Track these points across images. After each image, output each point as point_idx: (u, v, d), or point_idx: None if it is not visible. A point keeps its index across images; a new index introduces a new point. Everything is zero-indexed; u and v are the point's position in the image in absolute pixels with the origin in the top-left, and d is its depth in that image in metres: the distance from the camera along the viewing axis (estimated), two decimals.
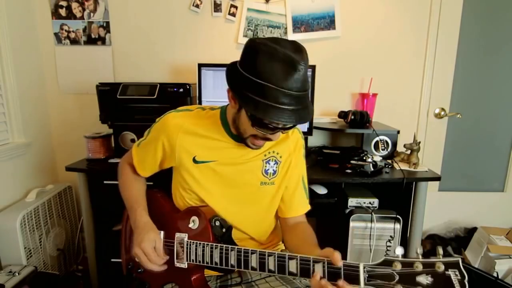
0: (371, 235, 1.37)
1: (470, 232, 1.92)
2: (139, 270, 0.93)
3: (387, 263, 0.62)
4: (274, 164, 0.93)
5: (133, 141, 1.51)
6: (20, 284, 1.29)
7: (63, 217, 1.75)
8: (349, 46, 1.78)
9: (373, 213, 1.37)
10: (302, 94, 0.73)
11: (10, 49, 1.56)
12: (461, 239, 1.91)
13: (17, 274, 1.31)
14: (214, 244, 0.81)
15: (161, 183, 1.03)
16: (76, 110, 1.85)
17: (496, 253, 1.65)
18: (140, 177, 1.02)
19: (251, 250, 0.76)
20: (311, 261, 0.69)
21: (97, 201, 1.47)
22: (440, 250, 0.59)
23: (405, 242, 1.46)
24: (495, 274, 1.52)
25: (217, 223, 0.84)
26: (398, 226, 1.37)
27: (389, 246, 1.37)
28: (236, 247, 0.79)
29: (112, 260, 1.49)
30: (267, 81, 0.70)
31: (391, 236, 1.37)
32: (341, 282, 0.65)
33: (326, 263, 0.67)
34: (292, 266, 0.71)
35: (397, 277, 0.61)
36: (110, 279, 1.54)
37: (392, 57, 1.80)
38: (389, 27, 1.76)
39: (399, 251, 0.62)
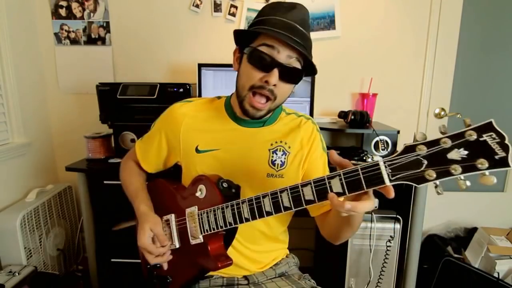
0: (371, 235, 1.37)
1: (470, 232, 1.92)
2: (158, 266, 0.87)
3: (409, 149, 0.53)
4: (282, 154, 0.87)
5: (133, 141, 1.51)
6: (20, 284, 1.29)
7: (63, 217, 1.75)
8: (349, 46, 1.78)
9: (373, 213, 1.37)
10: (302, 31, 0.75)
11: (10, 49, 1.56)
12: (461, 239, 1.90)
13: (17, 274, 1.31)
14: (224, 204, 0.75)
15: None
16: (76, 110, 1.85)
17: (497, 253, 1.65)
18: (142, 171, 1.00)
19: (262, 194, 0.69)
20: (326, 179, 0.61)
21: (97, 201, 1.47)
22: (468, 120, 0.50)
23: (405, 242, 1.45)
24: (495, 275, 1.52)
25: (225, 185, 0.78)
26: (398, 226, 1.37)
27: (389, 246, 1.37)
28: (247, 198, 0.72)
29: (112, 260, 1.49)
30: (271, 15, 0.76)
31: (391, 236, 1.37)
32: (347, 204, 0.56)
33: (342, 175, 0.58)
34: (308, 193, 0.63)
35: (425, 162, 0.51)
36: (110, 279, 1.54)
37: (392, 57, 1.80)
38: (389, 27, 1.76)
39: (420, 135, 0.53)
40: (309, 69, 0.82)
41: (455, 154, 0.49)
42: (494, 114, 1.92)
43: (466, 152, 0.48)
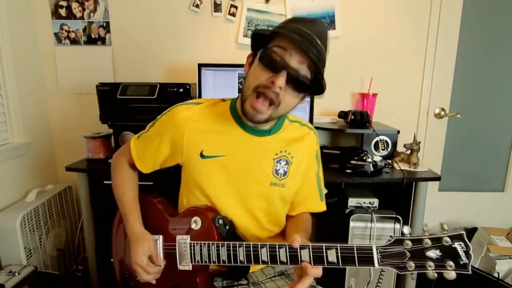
0: (371, 235, 1.37)
1: (470, 232, 1.92)
2: (138, 278, 0.89)
3: (398, 242, 0.65)
4: (285, 164, 0.88)
5: None
6: (20, 284, 1.29)
7: (63, 217, 1.75)
8: (349, 46, 1.78)
9: (373, 213, 1.37)
10: (317, 42, 0.74)
11: (10, 49, 1.56)
12: None
13: (17, 274, 1.31)
14: (220, 242, 0.79)
15: (161, 183, 1.02)
16: (76, 110, 1.85)
17: (497, 253, 1.65)
18: (135, 176, 0.98)
19: (260, 244, 0.74)
20: (324, 248, 0.69)
21: (97, 201, 1.47)
22: (445, 226, 0.64)
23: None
24: (495, 275, 1.52)
25: (220, 221, 0.82)
26: (398, 226, 1.37)
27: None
28: (244, 243, 0.76)
29: (112, 260, 1.49)
30: (289, 24, 0.75)
31: (391, 236, 1.34)
32: (303, 264, 0.69)
33: (339, 248, 0.68)
34: (305, 255, 0.70)
35: (408, 255, 0.64)
36: (110, 279, 1.53)
37: (392, 57, 1.80)
38: (389, 27, 1.76)
39: (407, 230, 0.65)
40: (317, 87, 0.81)
41: (432, 253, 0.63)
42: (494, 114, 1.93)
43: (440, 253, 0.62)
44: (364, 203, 1.43)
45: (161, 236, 0.87)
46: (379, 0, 1.74)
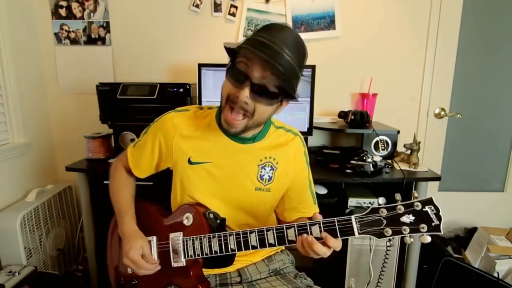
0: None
1: (470, 232, 1.92)
2: (133, 283, 0.93)
3: (374, 211, 0.70)
4: (270, 170, 0.91)
5: (133, 141, 1.51)
6: (20, 284, 1.29)
7: (63, 217, 1.75)
8: (349, 46, 1.78)
9: None
10: (281, 52, 0.72)
11: (10, 49, 1.56)
12: (461, 239, 1.91)
13: (17, 274, 1.31)
14: (212, 234, 0.82)
15: (159, 184, 1.03)
16: (76, 110, 1.85)
17: (496, 253, 1.65)
18: (131, 181, 1.02)
19: (249, 230, 0.78)
20: (307, 225, 0.73)
21: (97, 201, 1.47)
22: (415, 193, 0.71)
23: (404, 242, 1.45)
24: (495, 275, 1.52)
25: (211, 215, 0.85)
26: None
27: (389, 246, 1.37)
28: (234, 231, 0.80)
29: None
30: (255, 34, 0.76)
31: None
32: (323, 234, 0.71)
33: (321, 223, 0.72)
34: (291, 234, 0.75)
35: (384, 222, 0.69)
36: (109, 282, 1.53)
37: (392, 57, 1.80)
38: (389, 27, 1.76)
39: (382, 200, 0.79)
40: (288, 94, 0.79)
41: (405, 218, 0.68)
42: (494, 114, 1.93)
43: (413, 218, 0.68)
44: (364, 203, 1.42)
45: (155, 237, 0.90)
46: (379, 0, 1.74)
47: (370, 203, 1.43)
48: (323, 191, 1.46)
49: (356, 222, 0.70)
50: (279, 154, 0.92)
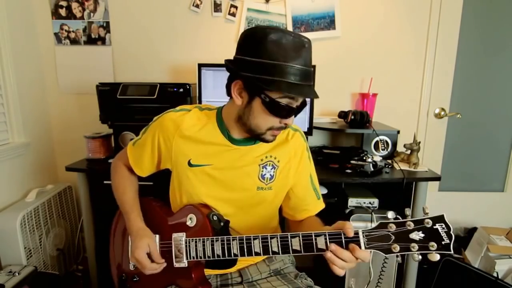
0: None
1: (470, 232, 1.92)
2: (135, 279, 0.93)
3: (383, 226, 0.68)
4: (271, 169, 0.90)
5: None
6: (20, 284, 1.29)
7: (63, 217, 1.75)
8: (349, 46, 1.78)
9: (373, 213, 1.37)
10: (311, 70, 0.77)
11: (10, 49, 1.56)
12: (461, 239, 1.91)
13: (17, 274, 1.31)
14: (215, 237, 0.81)
15: (160, 183, 1.03)
16: (76, 110, 1.85)
17: (496, 253, 1.65)
18: (134, 178, 1.01)
19: (253, 236, 0.77)
20: (313, 235, 0.72)
21: (97, 201, 1.47)
22: (427, 209, 0.67)
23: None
24: (495, 274, 1.52)
25: (215, 218, 0.84)
26: None
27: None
28: (237, 236, 0.79)
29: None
30: (283, 61, 0.72)
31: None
32: (351, 245, 0.68)
33: (327, 235, 0.70)
34: (295, 244, 0.73)
35: (393, 237, 0.67)
36: (110, 279, 1.53)
37: (392, 57, 1.80)
38: (389, 27, 1.76)
39: (391, 215, 0.70)
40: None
41: (415, 235, 0.65)
42: (494, 114, 1.93)
43: (423, 235, 0.65)
44: (364, 203, 1.43)
45: (157, 235, 0.89)
46: (379, 0, 1.74)
47: (370, 203, 1.43)
48: (323, 191, 1.46)
49: (363, 236, 0.68)
50: (280, 152, 0.91)
